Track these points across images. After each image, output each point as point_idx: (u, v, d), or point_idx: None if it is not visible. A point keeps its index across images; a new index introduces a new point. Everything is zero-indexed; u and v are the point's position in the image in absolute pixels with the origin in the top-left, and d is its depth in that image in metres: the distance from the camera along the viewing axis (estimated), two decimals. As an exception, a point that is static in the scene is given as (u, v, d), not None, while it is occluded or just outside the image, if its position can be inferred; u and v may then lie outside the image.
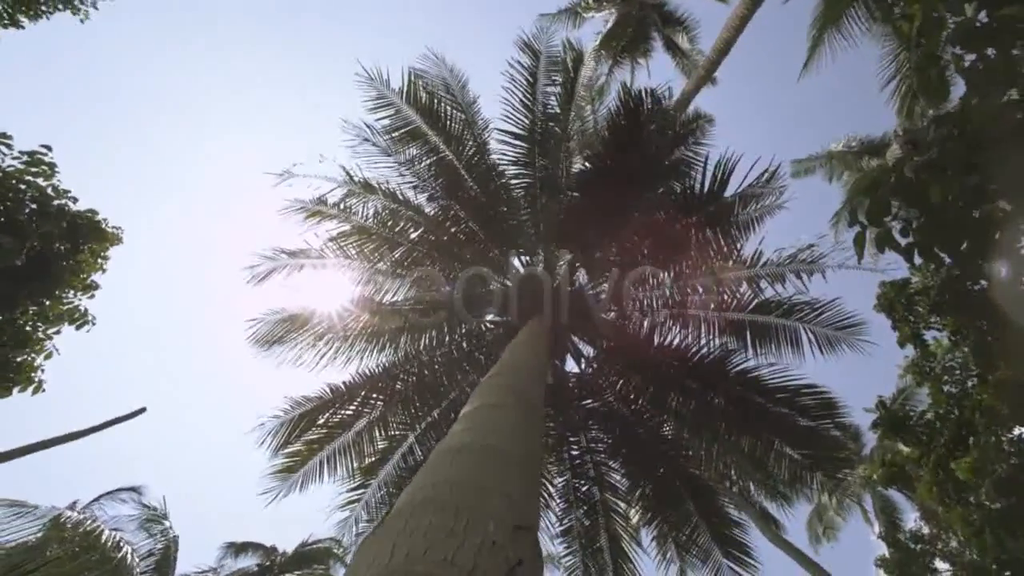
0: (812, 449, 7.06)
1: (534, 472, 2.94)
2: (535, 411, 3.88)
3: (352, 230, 7.97)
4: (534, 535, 2.23)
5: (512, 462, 2.78)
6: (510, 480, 2.51)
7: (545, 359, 5.67)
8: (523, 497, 2.45)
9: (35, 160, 5.53)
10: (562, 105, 8.16)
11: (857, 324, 6.91)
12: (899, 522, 15.70)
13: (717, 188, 7.53)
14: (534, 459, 3.11)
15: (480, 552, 1.81)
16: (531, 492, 2.64)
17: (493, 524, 1.98)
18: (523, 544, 2.02)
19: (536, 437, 3.55)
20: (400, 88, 7.46)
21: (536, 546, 2.19)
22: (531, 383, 4.44)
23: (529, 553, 2.02)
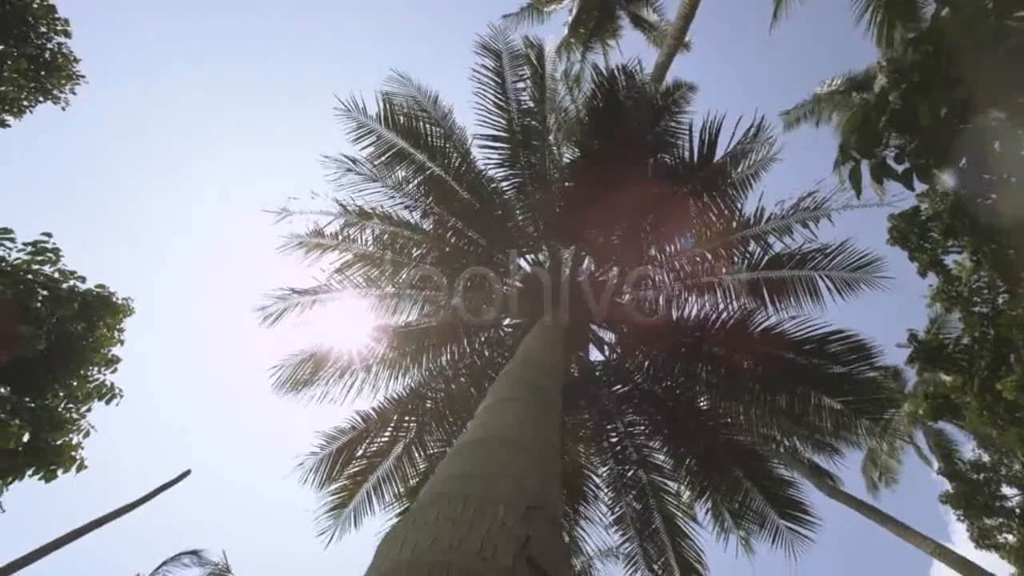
0: (851, 395, 6.93)
1: (549, 456, 2.93)
2: (548, 399, 3.88)
3: (355, 258, 8.03)
4: (551, 514, 2.19)
5: (524, 449, 2.77)
6: (521, 466, 2.51)
7: (558, 348, 5.65)
8: (537, 481, 2.42)
9: (39, 249, 5.68)
10: (536, 99, 8.16)
11: (872, 261, 6.78)
12: (956, 454, 15.34)
13: (706, 153, 7.46)
14: (547, 444, 3.09)
15: (488, 535, 1.81)
16: (547, 476, 2.62)
17: (503, 508, 1.98)
18: (536, 523, 2.01)
19: (550, 423, 3.54)
20: (377, 113, 7.52)
21: (554, 524, 2.16)
22: (542, 373, 4.44)
23: (543, 531, 2.00)
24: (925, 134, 3.43)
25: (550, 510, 2.23)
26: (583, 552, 8.41)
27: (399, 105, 7.53)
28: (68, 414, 5.53)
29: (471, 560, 1.68)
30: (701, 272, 8.28)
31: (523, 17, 16.26)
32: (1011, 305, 6.00)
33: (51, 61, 10.19)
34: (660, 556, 7.41)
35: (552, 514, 2.23)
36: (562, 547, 2.15)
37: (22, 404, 5.03)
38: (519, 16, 16.27)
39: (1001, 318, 5.93)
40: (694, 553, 7.48)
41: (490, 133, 7.87)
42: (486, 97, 7.68)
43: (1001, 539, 11.90)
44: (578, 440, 8.81)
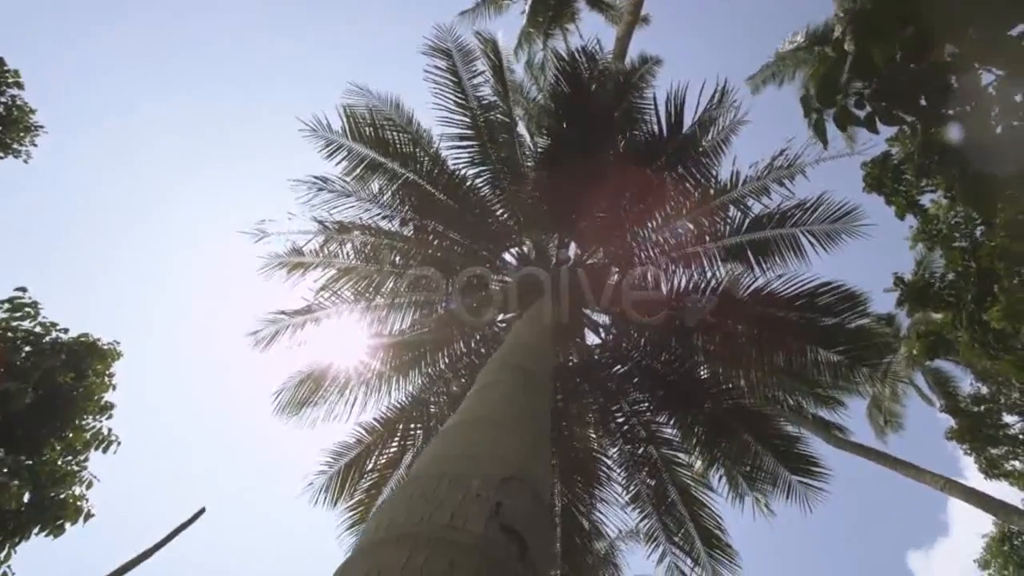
0: (846, 345, 7.00)
1: (531, 430, 2.96)
2: (532, 377, 3.91)
3: (339, 273, 7.98)
4: (531, 484, 2.20)
5: (502, 426, 2.80)
6: (500, 442, 2.53)
7: (546, 332, 5.67)
8: (516, 454, 2.44)
9: (16, 305, 5.59)
10: (499, 93, 8.12)
11: (851, 211, 6.84)
12: (956, 391, 15.56)
13: (674, 124, 7.49)
14: (529, 419, 3.12)
15: (460, 506, 1.82)
16: (528, 449, 2.65)
17: (477, 481, 2.00)
18: (513, 492, 2.02)
19: (534, 399, 3.56)
20: (342, 127, 7.46)
21: (533, 493, 2.17)
22: (528, 355, 4.47)
23: (520, 498, 2.02)
24: (882, 77, 3.45)
25: (530, 480, 2.23)
26: (604, 536, 8.46)
27: (363, 116, 7.48)
28: (67, 467, 5.46)
29: (441, 530, 1.69)
30: (686, 243, 8.31)
31: (479, 12, 16.18)
32: (989, 236, 6.07)
33: (6, 115, 10.02)
34: (679, 528, 7.46)
35: (532, 483, 2.23)
36: (541, 514, 2.16)
37: (19, 463, 4.97)
38: (475, 11, 16.18)
39: (981, 250, 6.00)
40: (713, 520, 7.54)
41: (455, 133, 7.84)
42: (445, 97, 7.64)
43: (1008, 467, 12.11)
44: (586, 425, 8.85)
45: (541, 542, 1.98)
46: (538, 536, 1.96)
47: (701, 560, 7.22)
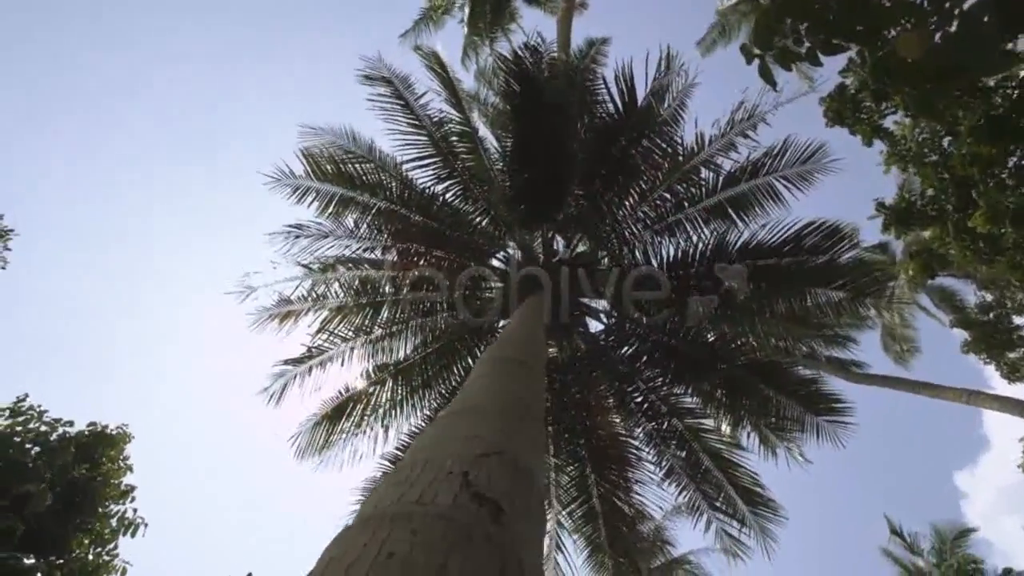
0: (842, 280, 7.02)
1: (517, 411, 3.02)
2: (517, 364, 3.94)
3: (332, 313, 7.98)
4: (511, 457, 2.23)
5: (484, 412, 2.84)
6: (480, 425, 2.56)
7: (534, 324, 5.71)
8: (497, 433, 2.48)
9: (17, 411, 5.59)
10: (452, 103, 8.15)
11: (818, 149, 6.88)
12: (962, 303, 15.59)
13: (628, 100, 7.53)
14: (512, 401, 3.16)
15: (431, 484, 1.84)
16: (512, 427, 2.70)
17: (451, 460, 2.02)
18: (490, 465, 2.05)
19: (519, 382, 3.59)
20: (305, 171, 7.48)
21: (514, 465, 2.20)
22: (514, 346, 4.52)
23: (498, 470, 2.05)
24: (815, 12, 3.49)
25: (510, 454, 2.26)
26: (648, 516, 8.44)
27: (322, 154, 7.50)
28: (98, 559, 5.42)
29: (408, 507, 1.71)
30: (666, 213, 8.34)
31: (419, 30, 16.26)
32: (957, 145, 6.11)
33: (-27, 228, 10.03)
34: (719, 493, 7.44)
35: (513, 457, 2.25)
36: (525, 483, 2.16)
37: (51, 565, 4.93)
38: (415, 30, 16.26)
39: (952, 159, 6.04)
40: (749, 478, 7.53)
41: (415, 155, 7.86)
42: (397, 121, 7.66)
43: (1029, 367, 12.12)
44: (606, 411, 8.83)
45: (524, 507, 1.99)
46: (520, 502, 1.97)
47: (746, 519, 7.20)
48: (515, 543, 1.73)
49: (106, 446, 5.71)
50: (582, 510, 7.70)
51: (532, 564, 1.80)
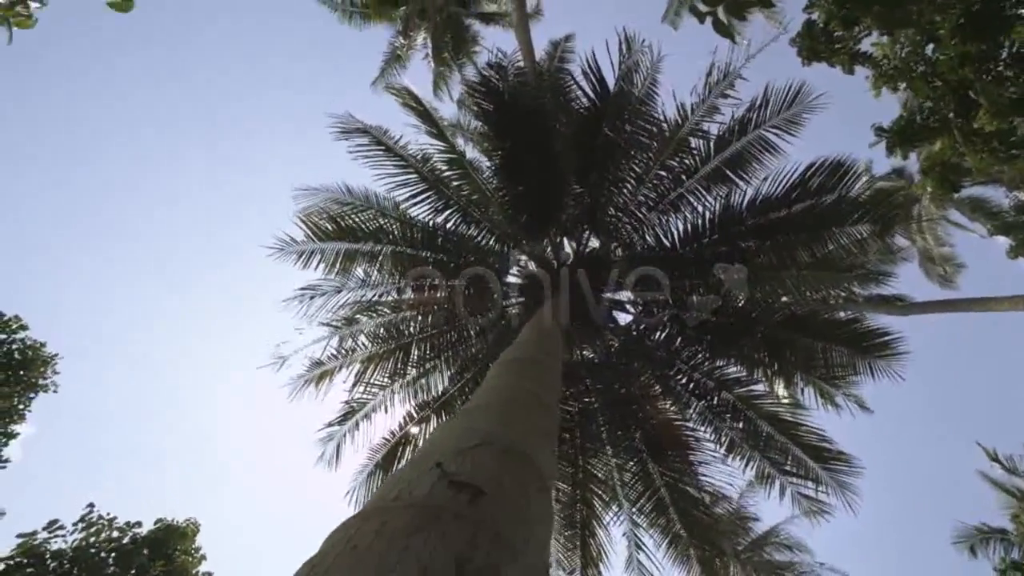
0: (857, 214, 6.82)
1: (520, 402, 3.05)
2: (526, 363, 3.97)
3: (364, 365, 8.08)
4: (502, 445, 2.27)
5: (486, 408, 2.88)
6: (478, 420, 2.62)
7: (547, 326, 5.72)
8: (493, 424, 2.53)
9: (88, 523, 5.79)
10: (434, 135, 8.27)
11: (799, 89, 6.75)
12: (997, 209, 14.95)
13: (601, 90, 7.53)
14: (516, 395, 3.20)
15: (411, 481, 1.89)
16: (511, 417, 2.73)
17: (436, 456, 2.08)
18: (475, 454, 2.11)
19: (527, 378, 3.59)
20: (306, 234, 7.65)
21: (504, 451, 2.24)
22: (525, 348, 4.56)
23: (483, 457, 2.12)
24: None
25: (502, 442, 2.29)
26: (721, 496, 8.22)
27: (320, 214, 7.67)
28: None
29: (385, 503, 1.76)
30: (667, 190, 8.26)
31: (387, 74, 16.65)
32: (942, 50, 5.94)
33: (21, 360, 10.49)
34: (785, 456, 7.20)
35: (506, 444, 2.29)
36: (514, 465, 2.19)
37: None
38: (383, 75, 16.66)
39: (940, 66, 5.85)
40: (814, 435, 7.27)
41: (408, 194, 7.98)
42: (384, 166, 7.79)
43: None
44: (654, 400, 8.67)
45: (517, 487, 2.02)
46: (512, 482, 2.02)
47: (820, 478, 6.94)
48: (495, 519, 1.74)
49: (177, 540, 5.87)
50: (651, 503, 7.54)
51: (521, 537, 1.79)
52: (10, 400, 9.58)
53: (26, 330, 10.75)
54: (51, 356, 10.96)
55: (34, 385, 10.65)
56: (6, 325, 10.69)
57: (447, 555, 1.46)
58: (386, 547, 1.45)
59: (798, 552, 16.05)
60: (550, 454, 2.69)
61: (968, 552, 13.40)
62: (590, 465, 8.18)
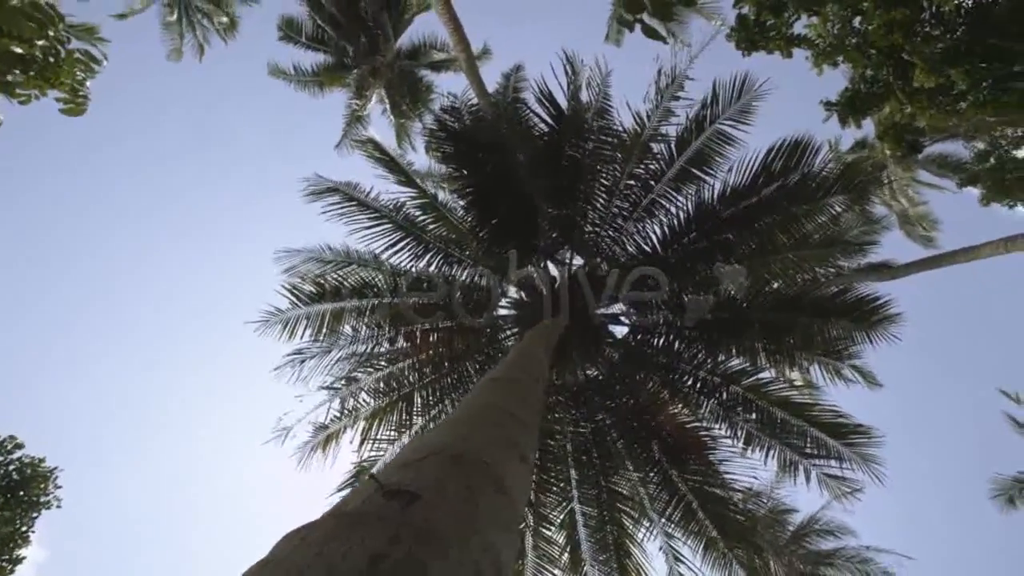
0: (823, 187, 6.94)
1: (483, 414, 3.17)
2: (502, 381, 4.07)
3: (368, 421, 7.97)
4: (451, 454, 2.37)
5: (455, 423, 3.04)
6: (440, 435, 2.75)
7: (532, 344, 5.76)
8: (446, 437, 2.65)
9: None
10: (404, 182, 8.39)
11: (744, 79, 6.94)
12: (961, 161, 15.28)
13: (555, 113, 7.71)
14: (484, 408, 3.33)
15: (356, 493, 2.02)
16: (480, 430, 2.84)
17: (388, 468, 2.23)
18: (420, 465, 2.21)
19: (505, 394, 3.67)
20: (291, 301, 7.66)
21: (450, 458, 2.33)
22: (507, 366, 4.68)
23: (428, 467, 2.21)
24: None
25: (451, 451, 2.36)
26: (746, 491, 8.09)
27: (302, 275, 7.70)
28: None
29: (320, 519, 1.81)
30: (638, 198, 8.38)
31: (351, 135, 16.99)
32: (867, 20, 6.17)
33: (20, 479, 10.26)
34: (804, 439, 7.11)
35: (456, 453, 2.37)
36: (461, 471, 2.26)
37: None
38: (346, 136, 17.01)
39: (871, 35, 6.07)
40: (829, 412, 7.20)
41: (386, 244, 8.05)
42: (358, 221, 7.88)
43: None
44: (664, 406, 8.58)
45: (461, 490, 2.09)
46: (456, 487, 2.10)
47: (842, 454, 6.84)
48: (428, 519, 1.78)
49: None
50: (679, 511, 7.38)
51: (459, 536, 1.82)
52: (12, 524, 9.32)
53: (22, 448, 10.55)
54: (51, 470, 10.73)
55: (35, 504, 10.39)
56: (1, 447, 10.48)
57: (361, 555, 1.50)
58: (300, 557, 1.51)
59: (841, 536, 15.69)
60: (518, 462, 2.70)
61: (1006, 503, 13.17)
62: (612, 484, 8.04)
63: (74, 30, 5.17)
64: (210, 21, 19.92)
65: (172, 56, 20.03)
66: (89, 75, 5.01)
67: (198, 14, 19.81)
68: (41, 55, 4.45)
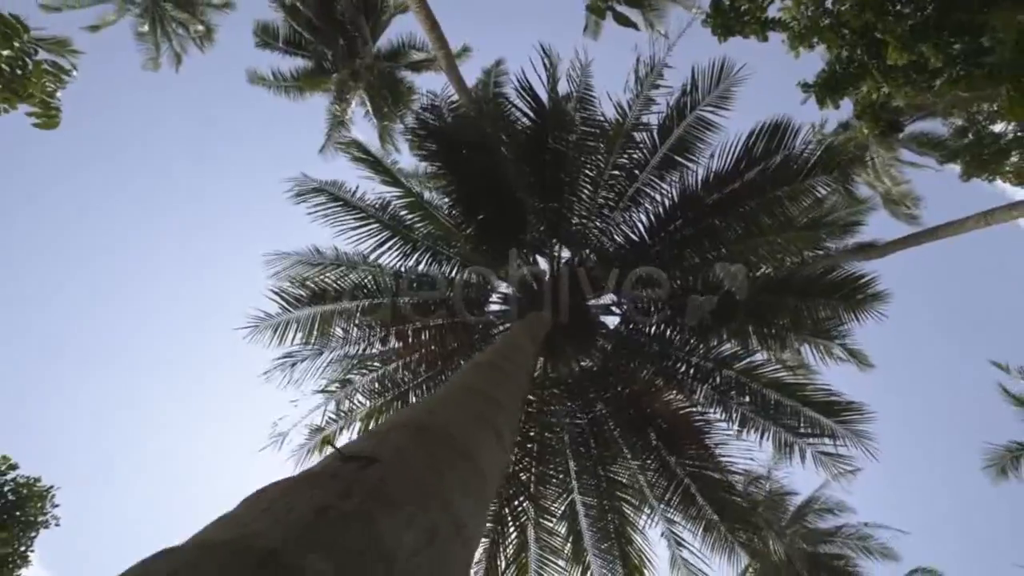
0: (807, 170, 7.01)
1: (463, 398, 3.27)
2: (488, 365, 4.16)
3: (364, 423, 7.96)
4: (416, 426, 2.50)
5: (430, 401, 3.29)
6: (407, 411, 3.17)
7: (518, 334, 5.88)
8: (424, 413, 2.80)
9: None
10: (390, 182, 8.36)
11: (722, 65, 6.99)
12: (940, 139, 15.44)
13: (537, 106, 7.73)
14: (459, 388, 3.48)
15: (320, 461, 2.16)
16: (451, 407, 3.00)
17: (353, 441, 2.38)
18: (384, 436, 2.35)
19: (483, 376, 3.77)
20: (281, 307, 7.63)
21: (414, 429, 2.45)
22: (489, 353, 4.78)
23: (392, 436, 2.34)
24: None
25: (415, 424, 2.50)
26: (746, 473, 8.18)
27: (291, 278, 7.68)
28: None
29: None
30: (623, 188, 8.41)
31: (333, 136, 16.94)
32: (839, 1, 6.22)
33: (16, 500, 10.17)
34: (797, 418, 7.17)
35: (420, 424, 2.50)
36: (423, 439, 2.36)
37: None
38: (329, 140, 16.95)
39: (844, 16, 6.12)
40: (822, 392, 7.28)
41: (374, 244, 8.04)
42: (345, 222, 7.86)
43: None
44: (659, 393, 8.62)
45: (423, 456, 2.21)
46: (418, 453, 2.22)
47: (835, 432, 6.92)
48: (382, 479, 1.88)
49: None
50: (678, 496, 7.43)
51: (414, 495, 1.89)
52: (10, 544, 9.23)
53: (16, 469, 10.44)
54: (47, 490, 10.63)
55: (33, 523, 10.30)
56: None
57: (308, 507, 1.57)
58: (252, 510, 1.62)
59: (840, 514, 15.88)
60: (492, 437, 2.79)
61: (999, 473, 13.36)
62: (611, 473, 8.08)
63: (43, 43, 5.11)
64: (185, 30, 19.76)
65: (149, 65, 19.87)
66: (59, 86, 4.95)
67: (172, 23, 19.65)
68: (7, 67, 4.39)
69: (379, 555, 1.54)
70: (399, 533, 1.66)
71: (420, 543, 1.71)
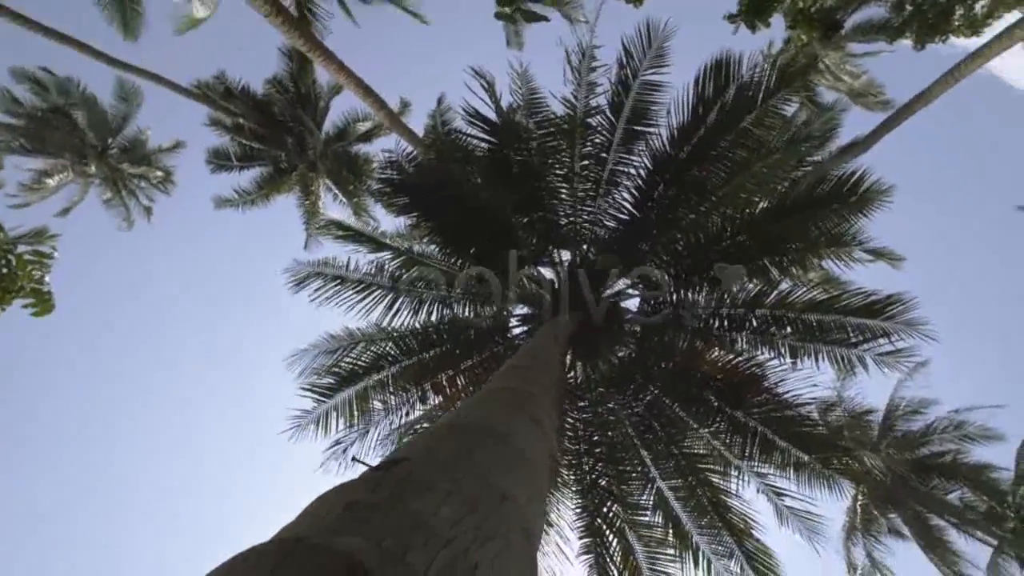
0: (764, 92, 7.00)
1: (500, 397, 3.35)
2: (516, 368, 4.26)
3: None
4: (447, 423, 2.69)
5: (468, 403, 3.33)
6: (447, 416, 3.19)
7: (542, 339, 5.88)
8: (458, 415, 3.04)
9: None
10: (373, 248, 8.49)
11: (648, 26, 7.06)
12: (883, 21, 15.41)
13: (489, 127, 7.84)
14: (498, 391, 3.57)
15: None
16: (485, 406, 3.14)
17: None
18: (416, 438, 2.48)
19: (516, 379, 3.84)
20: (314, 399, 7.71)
21: (446, 429, 2.61)
22: (518, 358, 4.84)
23: (420, 439, 2.62)
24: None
25: (447, 421, 2.75)
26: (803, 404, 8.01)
27: (317, 370, 7.79)
28: None
29: None
30: (598, 175, 8.45)
31: (311, 228, 17.37)
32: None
33: None
34: (843, 330, 6.96)
35: (451, 422, 2.66)
36: (449, 436, 2.49)
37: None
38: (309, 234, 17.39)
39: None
40: (858, 297, 7.06)
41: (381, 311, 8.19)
42: (347, 299, 8.03)
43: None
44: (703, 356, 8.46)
45: (451, 453, 2.30)
46: (448, 449, 2.33)
47: (887, 330, 6.73)
48: (409, 472, 1.99)
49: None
50: (758, 448, 7.22)
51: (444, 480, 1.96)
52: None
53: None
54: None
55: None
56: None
57: (338, 505, 1.71)
58: (299, 520, 1.78)
59: (926, 411, 15.30)
60: (527, 421, 2.84)
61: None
62: (686, 448, 7.92)
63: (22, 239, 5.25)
64: (147, 181, 20.40)
65: (123, 227, 20.50)
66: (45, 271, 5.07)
67: (133, 179, 20.31)
68: (-9, 270, 4.51)
69: (414, 525, 1.61)
70: (435, 508, 1.74)
71: (460, 513, 1.78)
